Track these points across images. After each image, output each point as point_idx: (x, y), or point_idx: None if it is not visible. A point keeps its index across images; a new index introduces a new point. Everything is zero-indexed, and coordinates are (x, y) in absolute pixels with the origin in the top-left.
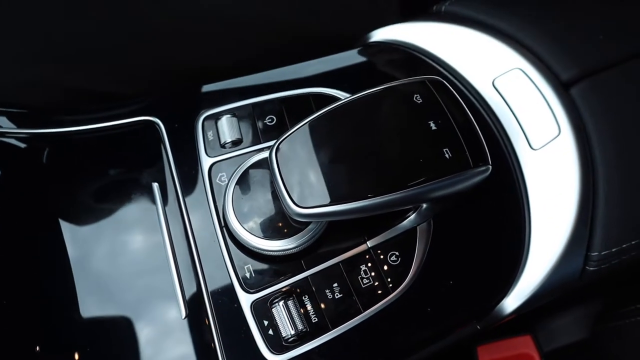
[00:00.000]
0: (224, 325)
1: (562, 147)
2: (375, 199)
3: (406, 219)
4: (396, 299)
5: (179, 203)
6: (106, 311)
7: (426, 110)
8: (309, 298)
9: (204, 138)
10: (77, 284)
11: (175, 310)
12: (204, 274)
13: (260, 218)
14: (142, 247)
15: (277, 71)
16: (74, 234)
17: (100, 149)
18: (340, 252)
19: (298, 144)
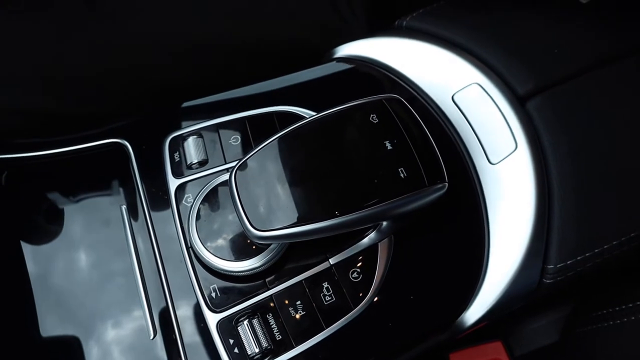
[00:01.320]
0: (192, 344)
1: (519, 162)
2: (333, 221)
3: (367, 236)
4: (358, 314)
5: (146, 225)
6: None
7: (382, 130)
8: (272, 316)
9: (171, 159)
10: (39, 306)
11: (144, 331)
12: (171, 295)
13: (223, 239)
14: (111, 269)
15: (242, 90)
16: (39, 256)
17: (68, 171)
18: (303, 270)
19: (256, 167)
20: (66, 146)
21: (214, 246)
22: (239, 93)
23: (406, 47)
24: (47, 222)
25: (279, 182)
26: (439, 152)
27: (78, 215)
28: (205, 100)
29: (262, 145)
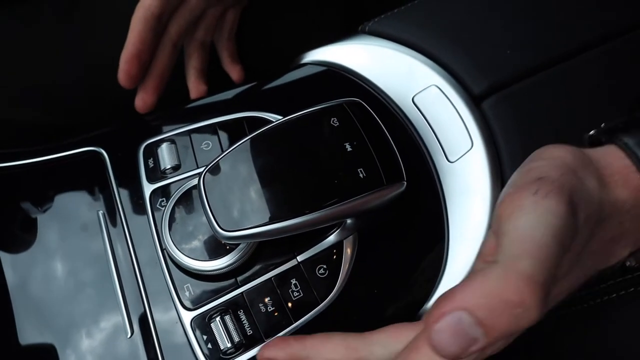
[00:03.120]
0: (167, 341)
1: (475, 160)
2: (295, 220)
3: (332, 234)
4: (324, 309)
5: (123, 229)
6: (53, 335)
7: (342, 133)
8: (244, 312)
9: (145, 165)
10: (17, 312)
11: (121, 331)
12: (147, 295)
13: (194, 240)
14: (89, 273)
15: (213, 97)
16: (17, 264)
17: (46, 180)
18: (272, 268)
19: (223, 171)
20: (43, 155)
21: (187, 247)
22: (210, 100)
23: (369, 52)
24: (25, 230)
25: (244, 184)
26: (400, 152)
27: (56, 223)
28: (178, 108)
29: (229, 150)
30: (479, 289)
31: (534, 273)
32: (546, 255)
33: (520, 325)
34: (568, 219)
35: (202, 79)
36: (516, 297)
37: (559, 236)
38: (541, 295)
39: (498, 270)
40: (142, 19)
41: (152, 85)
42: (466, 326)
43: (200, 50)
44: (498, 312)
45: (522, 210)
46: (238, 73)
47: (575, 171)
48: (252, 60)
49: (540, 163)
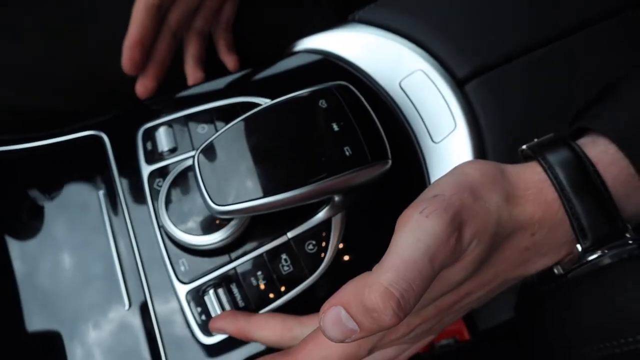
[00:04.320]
0: (163, 313)
1: (458, 141)
2: (284, 195)
3: (321, 211)
4: (313, 282)
5: (122, 208)
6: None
7: (330, 114)
8: (236, 286)
9: (144, 148)
10: (22, 291)
11: (120, 304)
12: (145, 269)
13: (190, 217)
14: (90, 251)
15: (209, 84)
16: (21, 246)
17: (47, 166)
18: (263, 244)
19: (217, 149)
20: (44, 140)
21: (182, 223)
22: (207, 87)
23: (358, 39)
24: (26, 212)
25: (237, 162)
26: (387, 133)
27: (57, 204)
28: (176, 94)
29: (222, 130)
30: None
31: (390, 285)
32: (410, 271)
33: (381, 326)
34: (443, 238)
35: (200, 66)
36: (370, 304)
37: (430, 254)
38: (393, 305)
39: (367, 278)
40: (143, 8)
41: (153, 72)
42: (343, 319)
43: (198, 39)
44: (361, 313)
45: (405, 227)
46: (234, 62)
47: (474, 189)
48: (247, 49)
49: (445, 180)
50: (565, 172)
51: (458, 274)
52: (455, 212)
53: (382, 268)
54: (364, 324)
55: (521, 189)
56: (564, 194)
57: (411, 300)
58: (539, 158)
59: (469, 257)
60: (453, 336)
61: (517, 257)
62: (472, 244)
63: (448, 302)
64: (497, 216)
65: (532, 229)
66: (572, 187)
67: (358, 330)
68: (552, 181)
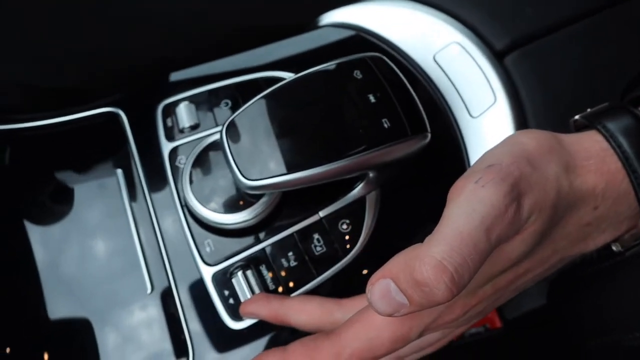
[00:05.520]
0: (188, 297)
1: (498, 114)
2: (319, 169)
3: (354, 189)
4: (347, 263)
5: (142, 187)
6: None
7: (365, 85)
8: (266, 267)
9: (164, 125)
10: (42, 273)
11: (142, 288)
12: (167, 251)
13: (216, 194)
14: (109, 232)
15: (231, 59)
16: (39, 227)
17: (64, 144)
18: (293, 223)
19: (246, 122)
20: (60, 116)
21: (208, 201)
22: (229, 62)
23: (389, 12)
24: (44, 191)
25: (268, 135)
26: (424, 108)
27: (74, 183)
28: (195, 69)
29: (251, 102)
30: (402, 264)
31: (443, 259)
32: (465, 244)
33: (432, 302)
34: (501, 208)
35: None
36: (421, 278)
37: (486, 225)
38: (446, 279)
39: (418, 250)
40: None
41: None
42: (393, 292)
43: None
44: (412, 287)
45: (459, 198)
46: None
47: (531, 159)
48: (266, 21)
49: (499, 150)
50: (628, 140)
51: (517, 249)
52: (514, 181)
53: (434, 240)
54: (413, 298)
55: (581, 158)
56: (629, 164)
57: (465, 276)
58: (599, 126)
59: (529, 230)
60: (483, 324)
61: (578, 233)
62: (531, 216)
63: (506, 280)
64: (557, 187)
65: (595, 202)
66: (637, 155)
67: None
68: (615, 150)
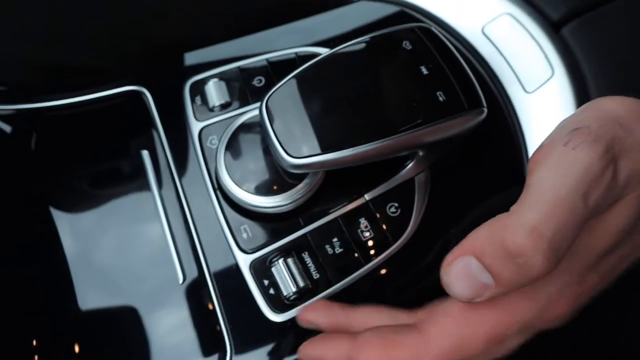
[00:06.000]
0: (223, 287)
1: (557, 88)
2: (369, 146)
3: (403, 169)
4: (398, 249)
5: (170, 170)
6: (101, 287)
7: (416, 56)
8: (309, 254)
9: (192, 103)
10: (71, 262)
11: (173, 278)
12: (199, 239)
13: (254, 176)
14: (137, 219)
15: (263, 34)
16: (63, 212)
17: (84, 124)
18: (338, 206)
19: (288, 96)
20: (78, 95)
21: (245, 184)
22: (260, 37)
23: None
24: (66, 175)
25: (311, 110)
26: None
27: (97, 166)
28: (224, 45)
29: (291, 75)
30: (486, 236)
31: (538, 225)
32: (560, 209)
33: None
34: (596, 172)
35: None
36: (514, 247)
37: (582, 189)
38: (544, 246)
39: (507, 220)
40: None
41: None
42: (475, 271)
43: None
44: (502, 260)
45: (548, 162)
46: None
47: (622, 122)
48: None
49: (583, 115)
50: None
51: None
52: (608, 143)
53: (524, 207)
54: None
55: None
56: None
57: (564, 244)
58: None
59: (630, 197)
60: None
61: None
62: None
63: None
64: None
65: None
66: None
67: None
68: None
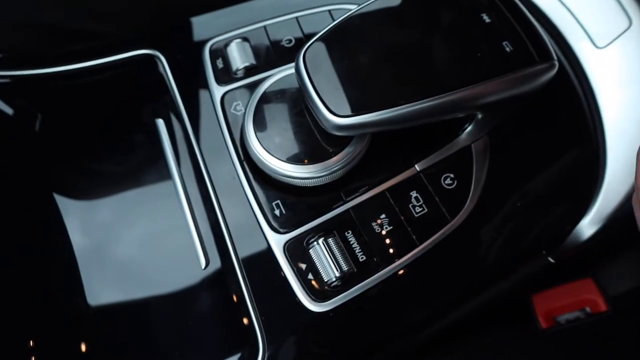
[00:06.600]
0: (253, 273)
1: (635, 40)
2: (427, 103)
3: (459, 135)
4: (457, 227)
5: (188, 140)
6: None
7: (476, 2)
8: (353, 234)
9: (213, 67)
10: (81, 242)
11: (195, 263)
12: (225, 218)
13: (288, 143)
14: (153, 195)
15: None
16: (77, 192)
17: (92, 96)
18: (385, 178)
19: (329, 49)
20: (86, 60)
21: (277, 152)
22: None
23: None
24: (77, 145)
25: (358, 64)
26: None
27: (109, 138)
28: (246, 5)
29: (333, 24)
30: None
31: None
32: None
33: None
34: None
35: None
36: None
37: None
38: None
39: None
40: None
41: None
42: None
43: None
44: None
45: None
46: None
47: None
48: None
49: None
50: None
51: None
52: None
53: None
54: None
55: None
56: None
57: None
58: None
59: None
60: (582, 307)
61: None
62: None
63: None
64: None
65: None
66: None
67: None
68: None
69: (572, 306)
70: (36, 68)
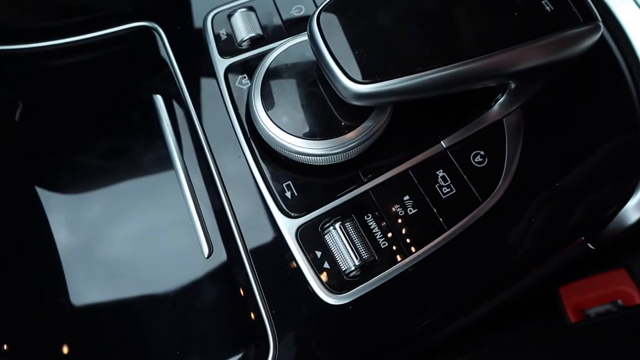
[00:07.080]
0: (262, 262)
1: None
2: (457, 67)
3: (490, 108)
4: (489, 209)
5: (189, 117)
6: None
7: None
8: (373, 218)
9: (216, 38)
10: (74, 235)
11: (197, 251)
12: (230, 201)
13: (299, 117)
14: (152, 179)
15: None
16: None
17: (83, 71)
18: (408, 156)
19: (347, 10)
20: (78, 34)
21: (288, 127)
22: None
23: None
24: (72, 123)
25: (379, 26)
26: None
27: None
28: None
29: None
30: None
31: None
32: None
33: None
34: None
35: None
36: None
37: None
38: None
39: None
40: None
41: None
42: None
43: None
44: None
45: None
46: None
47: None
48: None
49: None
50: None
51: None
52: None
53: None
54: None
55: None
56: None
57: None
58: None
59: None
60: (613, 300)
61: None
62: None
63: None
64: None
65: None
66: None
67: None
68: None
69: (604, 298)
70: (17, 43)
